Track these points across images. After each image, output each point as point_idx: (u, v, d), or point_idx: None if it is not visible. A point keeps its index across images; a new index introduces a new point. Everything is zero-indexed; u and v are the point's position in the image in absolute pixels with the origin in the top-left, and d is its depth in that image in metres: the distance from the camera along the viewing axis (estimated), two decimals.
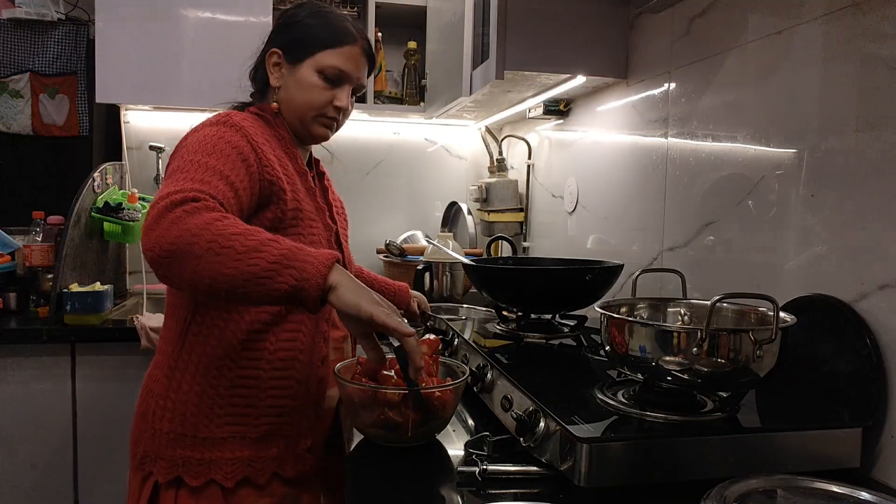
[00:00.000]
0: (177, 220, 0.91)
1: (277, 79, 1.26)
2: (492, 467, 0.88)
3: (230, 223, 0.93)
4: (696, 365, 0.87)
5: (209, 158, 1.05)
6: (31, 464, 2.00)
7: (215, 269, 0.89)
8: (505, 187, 2.50)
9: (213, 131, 1.11)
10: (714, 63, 1.37)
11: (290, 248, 0.92)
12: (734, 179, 1.30)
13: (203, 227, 0.91)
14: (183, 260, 0.90)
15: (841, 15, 1.04)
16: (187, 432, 1.12)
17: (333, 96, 1.24)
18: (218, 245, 0.90)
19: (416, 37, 2.65)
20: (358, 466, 0.98)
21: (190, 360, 1.14)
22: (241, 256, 0.89)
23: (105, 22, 2.25)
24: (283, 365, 1.16)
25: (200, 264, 0.89)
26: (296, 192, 1.18)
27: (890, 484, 0.93)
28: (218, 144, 1.08)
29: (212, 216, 0.93)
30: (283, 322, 1.16)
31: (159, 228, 0.92)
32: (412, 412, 0.98)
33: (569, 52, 1.68)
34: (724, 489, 0.73)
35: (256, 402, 1.14)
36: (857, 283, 1.00)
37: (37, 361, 1.99)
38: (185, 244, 0.90)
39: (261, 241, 0.91)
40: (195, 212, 0.93)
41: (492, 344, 1.33)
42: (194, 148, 1.07)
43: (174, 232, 0.91)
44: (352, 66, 1.24)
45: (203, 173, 1.02)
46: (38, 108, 2.50)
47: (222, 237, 0.90)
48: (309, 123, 1.25)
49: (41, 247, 2.21)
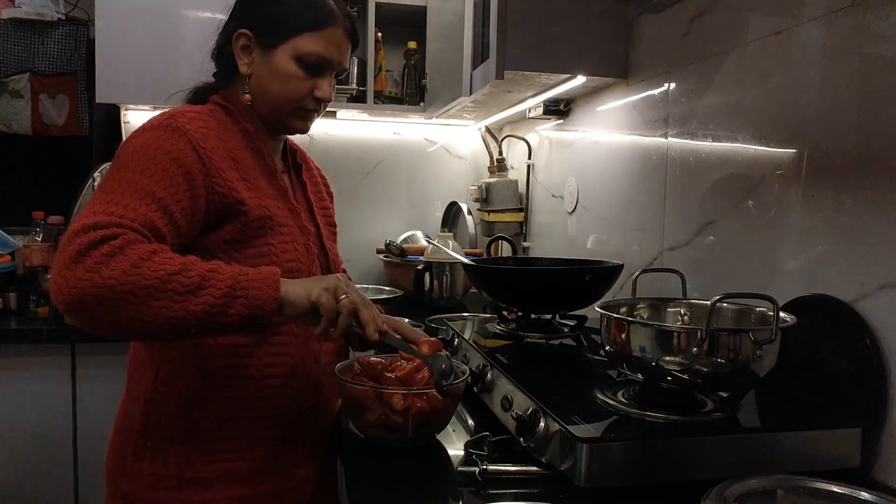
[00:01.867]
0: (95, 268, 0.82)
1: (247, 65, 1.11)
2: (492, 467, 0.87)
3: (159, 260, 0.85)
4: (696, 365, 0.87)
5: (141, 176, 0.93)
6: (31, 464, 2.00)
7: (158, 313, 0.83)
8: (505, 187, 2.50)
9: (151, 139, 0.97)
10: (714, 63, 1.37)
11: (233, 275, 0.88)
12: (734, 179, 1.30)
13: (130, 271, 0.82)
14: (114, 309, 0.82)
15: (841, 15, 1.04)
16: (171, 473, 1.02)
17: (314, 86, 1.10)
18: (155, 290, 0.83)
19: (416, 37, 2.65)
20: (358, 466, 0.98)
21: (168, 394, 1.03)
22: (184, 297, 0.84)
23: (105, 22, 2.25)
24: (272, 392, 1.06)
25: (140, 311, 0.83)
26: (261, 198, 1.05)
27: (890, 484, 0.92)
28: (155, 156, 0.95)
29: (136, 256, 0.84)
30: (266, 344, 1.05)
31: (75, 274, 0.82)
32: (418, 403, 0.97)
33: (569, 52, 1.68)
34: (724, 489, 0.73)
35: (246, 435, 1.04)
36: (857, 283, 1.00)
37: (37, 361, 1.99)
38: (114, 293, 0.82)
39: (201, 276, 0.86)
40: (116, 254, 0.83)
41: (492, 344, 1.33)
42: (127, 161, 0.95)
43: (96, 280, 0.81)
44: (334, 51, 1.10)
45: (130, 196, 0.91)
46: (38, 108, 2.50)
47: (158, 280, 0.83)
48: (286, 117, 1.12)
49: (41, 247, 2.21)
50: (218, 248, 1.02)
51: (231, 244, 1.02)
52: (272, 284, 0.89)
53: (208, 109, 1.10)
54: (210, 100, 1.14)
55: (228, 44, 1.13)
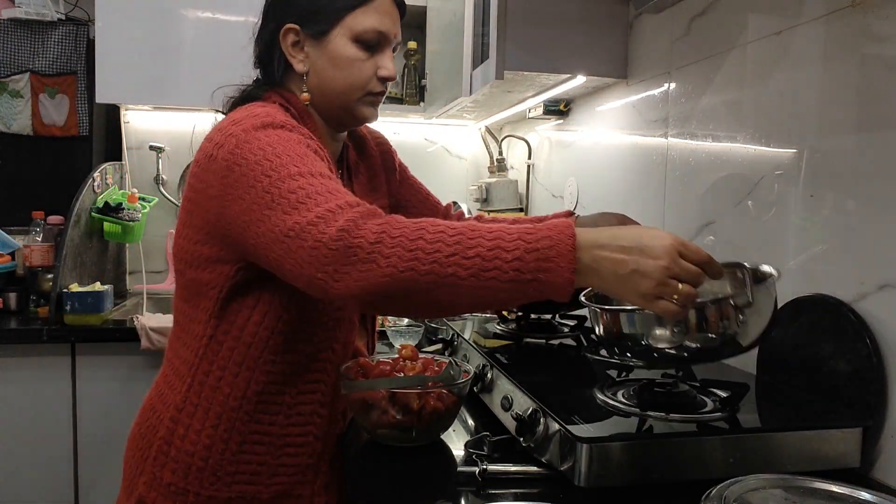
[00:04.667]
0: (372, 258, 0.74)
1: (302, 62, 1.02)
2: (492, 467, 0.87)
3: (435, 235, 0.76)
4: (684, 341, 0.86)
5: (300, 166, 0.84)
6: (31, 464, 2.00)
7: (439, 302, 0.76)
8: (505, 187, 2.50)
9: (272, 136, 0.89)
10: (714, 63, 1.37)
11: (518, 254, 0.75)
12: (734, 179, 1.30)
13: (408, 255, 0.74)
14: (399, 298, 0.76)
15: (841, 15, 1.04)
16: (190, 488, 0.98)
17: (377, 65, 1.03)
18: (438, 275, 0.74)
19: (416, 37, 2.65)
20: (359, 466, 0.98)
21: (199, 406, 0.99)
22: (470, 279, 0.74)
23: (105, 22, 2.25)
24: (301, 420, 1.02)
25: (419, 301, 0.77)
26: None
27: (890, 484, 0.92)
28: (288, 148, 0.87)
29: (409, 235, 0.75)
30: (306, 372, 1.02)
31: (355, 268, 0.75)
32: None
33: (569, 52, 1.68)
34: (724, 489, 0.73)
35: (270, 461, 1.00)
36: (857, 283, 1.00)
37: (37, 361, 1.99)
38: (396, 285, 0.75)
39: (480, 253, 0.75)
40: (384, 238, 0.75)
41: (492, 344, 1.33)
42: (259, 163, 0.86)
43: (376, 274, 0.74)
44: (389, 21, 1.03)
45: (319, 182, 0.82)
46: (38, 108, 2.50)
47: (437, 262, 0.74)
48: (353, 106, 1.04)
49: (41, 247, 2.21)
50: None
51: None
52: (569, 264, 0.74)
53: (283, 109, 1.00)
54: (265, 98, 1.03)
55: (275, 45, 1.04)
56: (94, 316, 2.01)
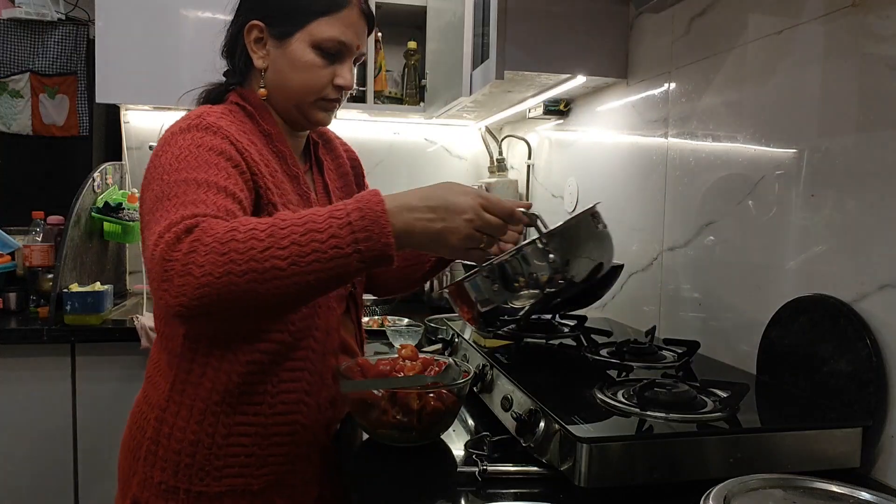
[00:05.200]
0: (187, 269, 0.75)
1: (262, 58, 1.05)
2: (492, 467, 0.87)
3: (246, 234, 0.77)
4: (526, 289, 0.91)
5: (196, 173, 0.88)
6: (31, 464, 2.00)
7: (269, 298, 0.77)
8: (505, 187, 2.50)
9: (189, 140, 0.93)
10: (714, 63, 1.36)
11: (334, 231, 0.78)
12: (734, 179, 1.30)
13: (222, 259, 0.75)
14: (225, 306, 0.77)
15: (841, 15, 1.04)
16: (180, 485, 0.99)
17: (334, 74, 1.05)
18: (257, 271, 0.75)
19: (416, 37, 2.65)
20: (359, 466, 0.98)
21: (182, 404, 1.00)
22: (291, 267, 0.76)
23: (105, 22, 2.25)
24: (286, 409, 1.02)
25: (246, 302, 0.77)
26: (286, 204, 1.01)
27: (890, 484, 0.92)
28: (201, 154, 0.91)
29: (219, 238, 0.76)
30: (285, 360, 1.02)
31: (173, 283, 0.76)
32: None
33: (569, 52, 1.68)
34: (724, 489, 0.73)
35: (258, 452, 1.01)
36: (857, 283, 1.00)
37: (37, 361, 1.99)
38: (214, 295, 0.75)
39: (295, 241, 0.77)
40: (197, 247, 0.76)
41: (492, 344, 1.33)
42: (172, 166, 0.90)
43: (191, 282, 0.75)
44: (352, 34, 1.05)
45: (195, 192, 0.85)
46: (38, 108, 2.50)
47: (253, 259, 0.75)
48: (307, 109, 1.07)
49: (41, 247, 2.21)
50: None
51: None
52: (384, 230, 0.79)
53: (229, 109, 1.05)
54: (227, 99, 1.09)
55: (240, 38, 1.07)
56: (93, 316, 2.01)
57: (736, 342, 1.27)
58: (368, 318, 2.07)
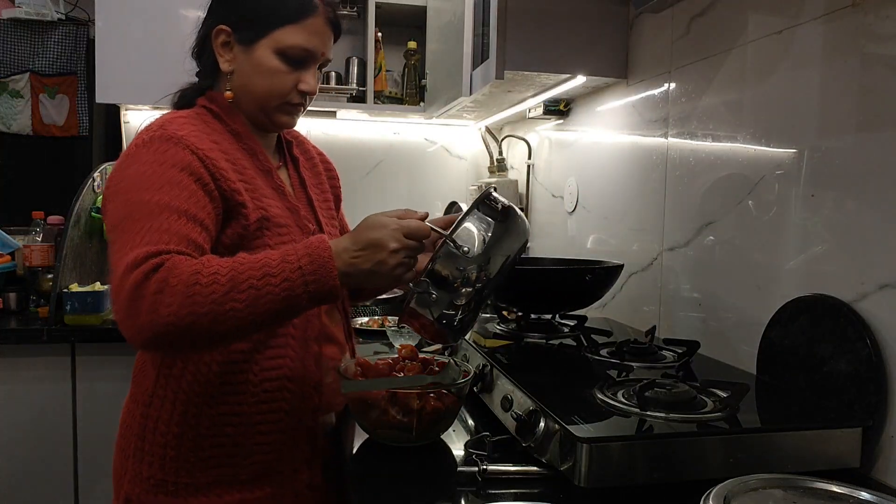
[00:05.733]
0: (153, 308, 0.82)
1: (228, 62, 1.08)
2: (492, 467, 0.87)
3: (207, 282, 0.84)
4: (460, 289, 0.93)
5: (158, 195, 0.92)
6: (31, 464, 2.00)
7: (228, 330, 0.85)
8: (505, 187, 2.50)
9: (151, 155, 0.96)
10: (714, 63, 1.37)
11: (286, 275, 0.86)
12: (734, 179, 1.30)
13: (185, 303, 0.82)
14: (189, 338, 0.84)
15: (841, 15, 1.04)
16: (168, 478, 1.01)
17: (298, 79, 1.07)
18: (215, 314, 0.83)
19: (416, 37, 2.65)
20: (360, 466, 0.98)
21: (166, 398, 1.02)
22: (246, 311, 0.84)
23: (105, 22, 2.25)
24: (269, 397, 1.04)
25: (211, 333, 0.84)
26: (258, 199, 1.04)
27: (890, 484, 0.93)
28: (162, 172, 0.94)
29: (183, 285, 0.83)
30: (265, 348, 1.04)
31: (138, 321, 0.83)
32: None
33: (569, 52, 1.68)
34: (724, 489, 0.73)
35: (243, 441, 1.02)
36: (857, 283, 1.00)
37: (37, 361, 1.99)
38: (180, 328, 0.82)
39: (254, 288, 0.84)
40: (164, 288, 0.83)
41: (492, 344, 1.33)
42: (135, 183, 0.94)
43: (158, 321, 0.82)
44: (317, 42, 1.06)
45: (157, 218, 0.90)
46: (38, 108, 2.50)
47: (215, 304, 0.83)
48: (271, 112, 1.09)
49: (41, 247, 2.21)
50: (215, 252, 0.99)
51: (229, 248, 1.00)
52: (330, 273, 0.88)
53: (195, 113, 1.08)
54: (196, 103, 1.12)
55: (208, 41, 1.10)
56: (93, 316, 2.01)
57: (736, 342, 1.27)
58: (368, 318, 2.07)
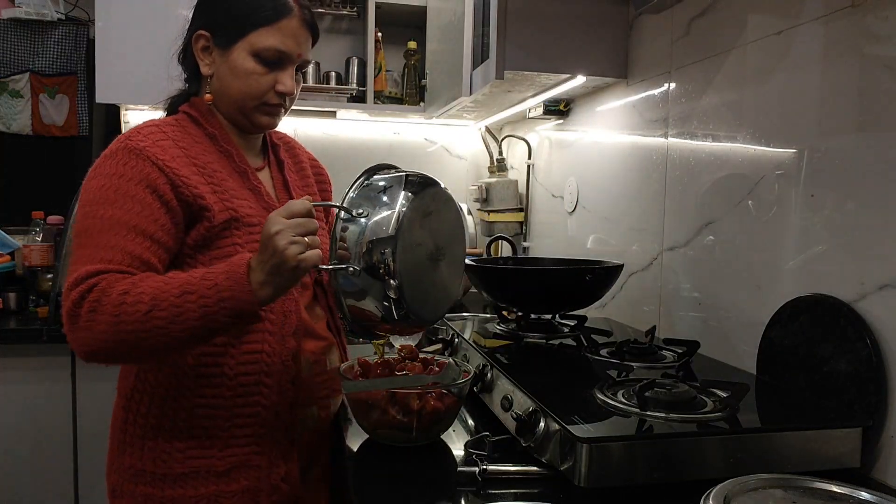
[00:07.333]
0: (88, 325, 0.91)
1: (208, 66, 1.11)
2: (492, 467, 0.88)
3: (132, 302, 0.90)
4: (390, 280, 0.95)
5: (112, 210, 0.97)
6: (31, 464, 2.00)
7: (157, 346, 0.91)
8: (505, 187, 2.50)
9: (111, 167, 1.01)
10: (714, 63, 1.37)
11: (203, 292, 0.91)
12: (734, 179, 1.30)
13: (114, 322, 0.90)
14: (124, 352, 0.93)
15: (841, 15, 1.04)
16: (146, 468, 1.05)
17: (275, 80, 1.09)
18: (141, 331, 0.90)
19: (416, 37, 2.65)
20: (359, 466, 0.98)
21: (144, 391, 1.07)
22: (168, 329, 0.90)
23: (105, 22, 2.25)
24: (245, 391, 1.05)
25: (142, 348, 0.91)
26: (228, 200, 1.06)
27: (890, 484, 0.93)
28: (119, 186, 0.99)
29: (111, 306, 0.90)
30: (241, 343, 1.05)
31: (78, 336, 0.92)
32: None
33: (569, 52, 1.68)
34: (724, 489, 0.73)
35: (219, 433, 1.05)
36: (857, 283, 1.00)
37: (37, 361, 1.99)
38: (114, 344, 0.91)
39: (174, 305, 0.90)
40: (97, 308, 0.90)
41: (492, 344, 1.33)
42: (94, 197, 0.99)
43: (94, 337, 0.91)
44: (292, 43, 1.09)
45: (108, 235, 0.96)
46: (38, 108, 2.50)
47: (139, 323, 0.90)
48: (249, 113, 1.11)
49: (41, 247, 2.21)
50: (183, 253, 1.05)
51: (195, 248, 1.04)
52: (244, 288, 0.91)
53: (173, 120, 1.12)
54: (179, 109, 1.16)
55: (190, 46, 1.13)
56: None
57: (736, 342, 1.27)
58: None
